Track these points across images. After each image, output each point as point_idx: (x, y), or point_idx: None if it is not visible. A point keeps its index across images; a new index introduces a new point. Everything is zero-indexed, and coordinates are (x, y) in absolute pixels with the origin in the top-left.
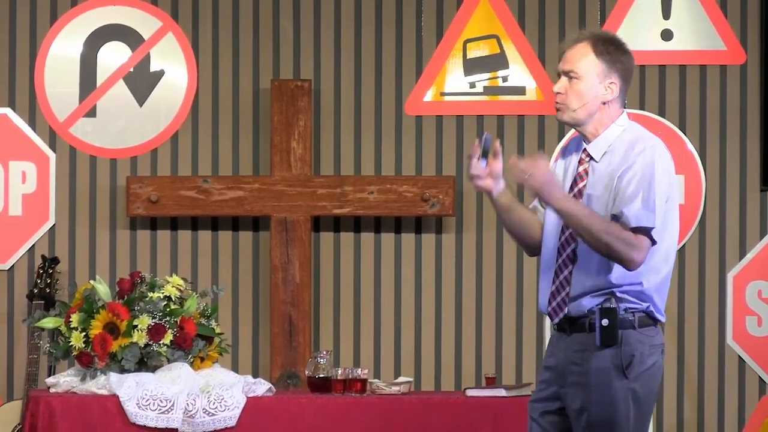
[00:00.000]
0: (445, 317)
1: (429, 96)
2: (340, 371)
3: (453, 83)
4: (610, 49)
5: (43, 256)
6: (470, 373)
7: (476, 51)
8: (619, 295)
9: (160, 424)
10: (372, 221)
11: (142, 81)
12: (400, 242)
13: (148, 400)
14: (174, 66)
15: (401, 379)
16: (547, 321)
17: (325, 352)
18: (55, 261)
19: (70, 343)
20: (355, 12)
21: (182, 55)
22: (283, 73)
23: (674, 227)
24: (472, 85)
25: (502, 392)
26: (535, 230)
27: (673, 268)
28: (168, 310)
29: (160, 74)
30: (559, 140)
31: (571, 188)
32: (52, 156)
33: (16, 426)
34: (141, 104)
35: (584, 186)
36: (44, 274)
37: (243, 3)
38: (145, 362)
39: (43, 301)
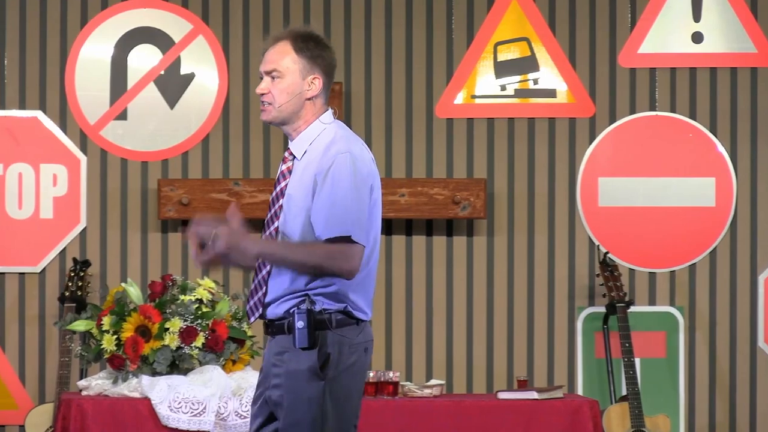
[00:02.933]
0: (477, 320)
1: (460, 98)
2: (372, 374)
3: (484, 86)
4: (310, 45)
5: (74, 259)
6: (502, 376)
7: (507, 54)
8: (313, 297)
9: (192, 427)
10: (403, 224)
11: (172, 84)
12: (431, 245)
13: (180, 402)
14: (205, 68)
15: (433, 381)
16: (579, 323)
17: None
18: (86, 264)
19: (102, 346)
20: (386, 14)
21: (213, 57)
22: None
23: (375, 228)
24: (503, 87)
25: (534, 395)
26: None
27: (376, 265)
28: (200, 312)
29: (190, 77)
30: (590, 142)
31: (275, 188)
32: (83, 159)
33: (48, 429)
34: (172, 107)
35: (285, 185)
36: (75, 277)
37: (273, 5)
38: (177, 365)
39: (74, 304)
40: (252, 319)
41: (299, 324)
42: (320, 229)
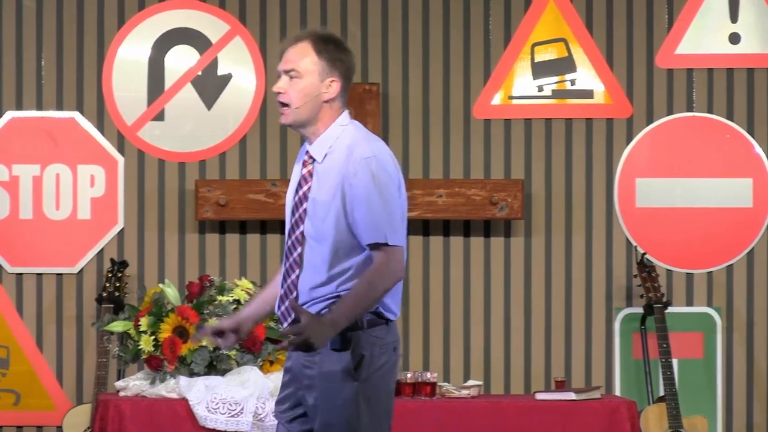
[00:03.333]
0: (515, 320)
1: (497, 99)
2: (409, 375)
3: (521, 86)
4: (330, 47)
5: (112, 260)
6: (539, 377)
7: (544, 54)
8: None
9: (230, 428)
10: (441, 224)
11: (210, 84)
12: (468, 245)
13: (217, 403)
14: (242, 69)
15: (471, 382)
16: (617, 324)
17: None
18: (124, 264)
19: (140, 347)
20: (423, 15)
21: (250, 58)
22: None
23: (404, 229)
24: (540, 88)
25: (572, 395)
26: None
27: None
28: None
29: (228, 78)
30: (627, 143)
31: (296, 192)
32: (120, 160)
33: (85, 430)
34: (209, 108)
35: (308, 189)
36: (113, 278)
37: (311, 6)
38: (215, 366)
39: (112, 305)
40: (285, 324)
41: None
42: (361, 238)
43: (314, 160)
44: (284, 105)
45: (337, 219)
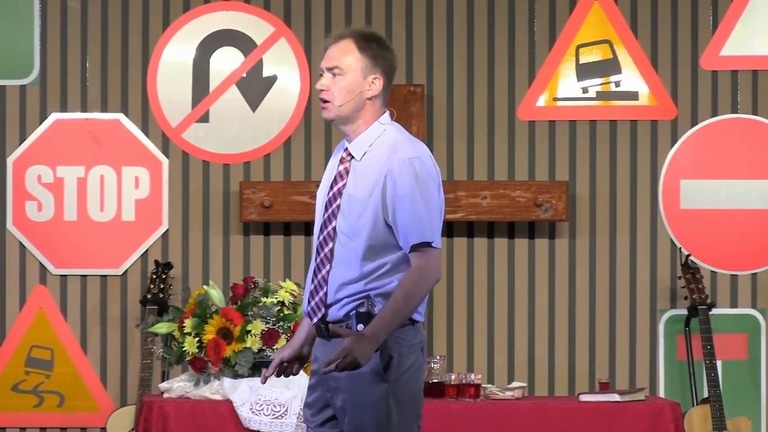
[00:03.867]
0: (559, 322)
1: (542, 101)
2: (453, 376)
3: (566, 88)
4: (373, 45)
5: (156, 261)
6: (584, 378)
7: (589, 56)
8: (374, 298)
9: (274, 429)
10: (485, 226)
11: (254, 86)
12: (513, 247)
13: (261, 405)
14: (287, 71)
15: (515, 384)
16: (661, 325)
17: (438, 357)
18: (168, 266)
19: (184, 349)
20: (468, 17)
21: (295, 60)
22: (396, 78)
23: (440, 229)
24: (585, 90)
25: (616, 397)
26: None
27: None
28: (281, 315)
29: (272, 79)
30: (672, 145)
31: (331, 187)
32: (165, 161)
33: (129, 431)
34: (254, 109)
35: (343, 186)
36: (157, 280)
37: (355, 8)
38: (259, 367)
39: (156, 307)
40: (314, 320)
41: (359, 327)
42: (402, 238)
43: (352, 157)
44: (327, 101)
45: (374, 216)
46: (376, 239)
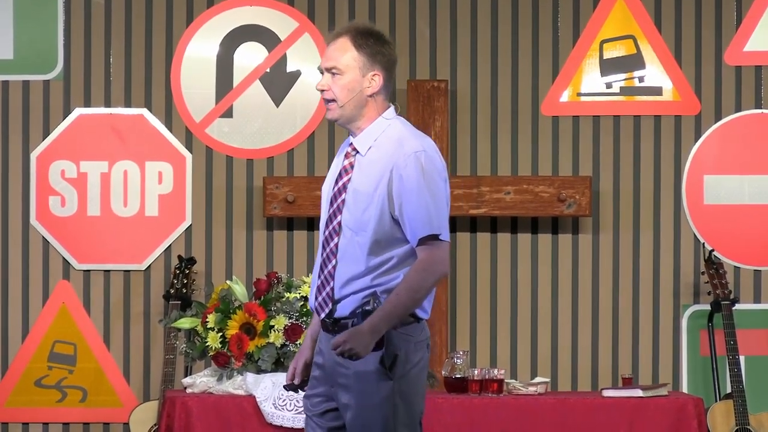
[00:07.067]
0: (582, 317)
1: (565, 96)
2: (476, 371)
3: (589, 83)
4: (370, 41)
5: (179, 257)
6: (607, 374)
7: (612, 51)
8: (380, 295)
9: (297, 425)
10: (508, 221)
11: (278, 81)
12: (536, 242)
13: (284, 400)
14: (310, 66)
15: (538, 379)
16: (684, 321)
17: (461, 353)
18: (191, 261)
19: (207, 344)
20: (492, 12)
21: (319, 55)
22: (419, 74)
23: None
24: (609, 85)
25: (639, 392)
26: None
27: None
28: (305, 310)
29: (296, 75)
30: (696, 140)
31: (336, 182)
32: (188, 156)
33: (152, 426)
34: (277, 105)
35: (348, 180)
36: (181, 275)
37: (380, 4)
38: (282, 362)
39: (179, 302)
40: (322, 316)
41: None
42: (410, 231)
43: (357, 152)
44: (330, 101)
45: (380, 210)
46: (381, 233)
